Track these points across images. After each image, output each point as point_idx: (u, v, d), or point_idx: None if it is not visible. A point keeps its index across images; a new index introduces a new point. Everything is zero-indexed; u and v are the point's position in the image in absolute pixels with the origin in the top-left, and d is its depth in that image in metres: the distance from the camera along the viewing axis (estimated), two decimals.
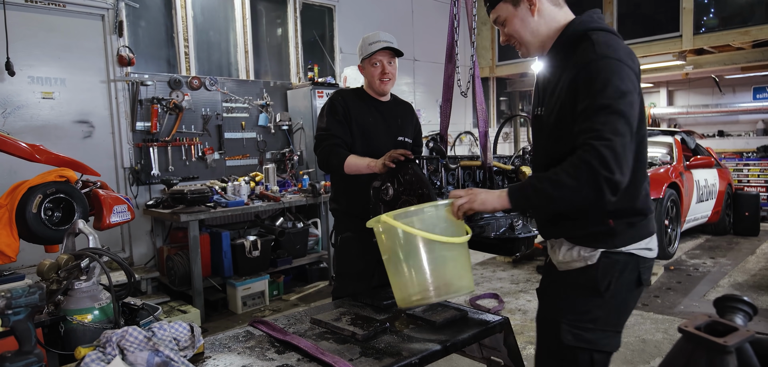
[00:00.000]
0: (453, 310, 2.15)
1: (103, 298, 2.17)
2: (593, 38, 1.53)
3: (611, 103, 1.43)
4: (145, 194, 5.11)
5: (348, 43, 6.92)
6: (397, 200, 2.17)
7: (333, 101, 2.64)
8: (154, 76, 5.14)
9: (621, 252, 1.61)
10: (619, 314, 1.66)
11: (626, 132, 1.43)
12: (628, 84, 1.45)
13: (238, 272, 4.88)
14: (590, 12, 1.64)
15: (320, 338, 1.95)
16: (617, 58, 1.46)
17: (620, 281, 1.61)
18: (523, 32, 1.67)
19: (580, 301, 1.65)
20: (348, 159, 2.46)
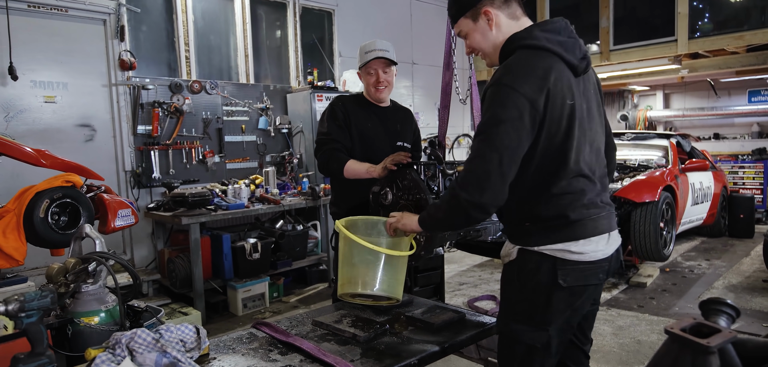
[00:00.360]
0: (451, 312, 2.20)
1: (109, 300, 2.22)
2: (508, 60, 1.64)
3: (485, 130, 1.58)
4: (146, 197, 5.16)
5: (347, 47, 6.97)
6: (396, 204, 2.23)
7: (333, 106, 2.69)
8: (155, 80, 5.19)
9: (534, 251, 1.68)
10: (542, 311, 1.67)
11: (493, 158, 1.54)
12: (509, 112, 1.54)
13: (239, 274, 4.93)
14: (532, 27, 1.69)
15: (322, 339, 2.00)
16: (509, 84, 1.56)
17: (537, 279, 1.67)
18: (484, 45, 1.75)
19: (508, 293, 1.78)
20: (347, 164, 2.51)
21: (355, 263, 2.03)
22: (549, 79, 1.57)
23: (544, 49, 1.62)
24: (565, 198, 1.65)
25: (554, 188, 1.65)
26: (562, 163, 1.63)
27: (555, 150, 1.62)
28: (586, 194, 1.68)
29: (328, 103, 2.77)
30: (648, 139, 6.80)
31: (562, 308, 1.67)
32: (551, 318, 1.67)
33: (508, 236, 1.80)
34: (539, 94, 1.56)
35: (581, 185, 1.67)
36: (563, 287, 1.64)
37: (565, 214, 1.64)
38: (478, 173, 1.57)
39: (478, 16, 1.72)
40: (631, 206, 5.13)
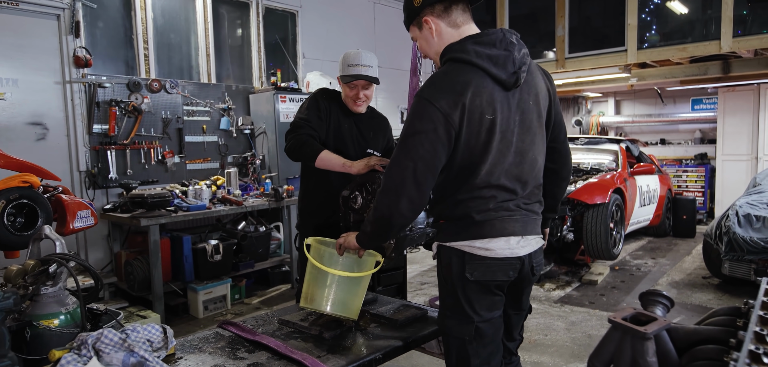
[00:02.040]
0: (414, 309, 2.29)
1: (69, 303, 2.20)
2: (436, 72, 1.74)
3: (404, 140, 1.67)
4: (102, 198, 5.03)
5: (311, 49, 6.99)
6: (365, 208, 2.29)
7: (317, 97, 2.67)
8: (112, 78, 5.07)
9: (446, 246, 1.79)
10: (460, 303, 1.76)
11: (408, 166, 1.63)
12: (424, 124, 1.63)
13: (200, 276, 4.87)
14: (466, 38, 1.73)
15: (288, 337, 2.04)
16: (427, 97, 1.65)
17: (451, 272, 1.77)
18: (428, 51, 1.84)
19: (440, 289, 1.87)
20: (322, 154, 2.44)
21: (312, 280, 2.06)
22: (466, 95, 1.63)
23: (470, 64, 1.67)
24: (472, 203, 1.73)
25: (460, 195, 1.74)
26: (471, 175, 1.71)
27: (470, 162, 1.70)
28: (497, 199, 1.74)
29: (312, 93, 2.74)
30: (600, 144, 7.12)
31: (478, 299, 1.75)
32: (473, 309, 1.75)
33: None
34: (454, 109, 1.62)
35: (491, 193, 1.73)
36: (470, 280, 1.73)
37: (470, 215, 1.73)
38: (395, 181, 1.66)
39: (421, 24, 1.79)
40: (584, 207, 5.37)
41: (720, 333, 1.18)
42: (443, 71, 1.69)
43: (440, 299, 1.85)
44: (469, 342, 1.75)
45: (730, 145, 8.10)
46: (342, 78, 2.65)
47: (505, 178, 1.74)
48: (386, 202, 1.67)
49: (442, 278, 1.81)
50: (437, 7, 1.74)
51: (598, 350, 1.27)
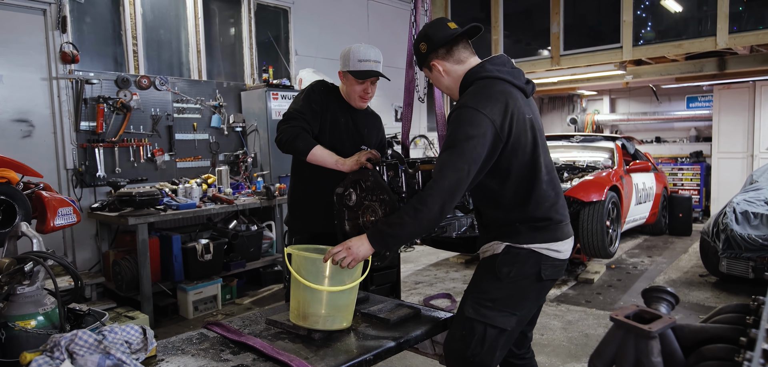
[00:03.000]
0: (407, 308, 2.21)
1: (47, 303, 2.11)
2: (469, 90, 1.92)
3: (455, 144, 1.80)
4: (89, 197, 4.92)
5: (303, 46, 6.90)
6: (360, 205, 2.21)
7: (313, 89, 2.59)
8: (100, 74, 4.97)
9: (522, 247, 1.93)
10: (516, 299, 1.94)
11: (463, 169, 1.78)
12: (476, 129, 1.79)
13: (190, 276, 4.78)
14: (484, 61, 1.97)
15: (276, 338, 1.96)
16: (474, 106, 1.82)
17: (520, 271, 1.92)
18: (441, 87, 2.08)
19: (484, 282, 1.98)
20: (315, 149, 2.36)
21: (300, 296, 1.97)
22: (507, 101, 1.85)
23: (498, 78, 1.90)
24: (545, 202, 1.92)
25: (534, 193, 1.91)
26: (536, 168, 1.91)
27: (530, 157, 1.89)
28: (559, 199, 1.98)
29: (309, 84, 2.65)
30: (595, 142, 7.07)
31: (534, 297, 1.98)
32: (524, 305, 1.95)
33: (493, 235, 2.00)
34: (501, 115, 1.82)
35: (555, 189, 1.97)
36: (542, 279, 1.93)
37: (547, 216, 1.92)
38: (451, 183, 1.78)
39: (431, 67, 2.02)
40: (580, 205, 5.32)
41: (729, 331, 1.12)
42: (477, 88, 1.89)
43: (480, 290, 1.96)
44: (503, 333, 1.92)
45: (725, 142, 8.08)
46: (351, 73, 2.53)
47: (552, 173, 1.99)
48: (439, 203, 1.79)
49: (502, 274, 1.92)
50: (441, 51, 1.99)
51: (599, 349, 1.20)
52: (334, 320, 1.96)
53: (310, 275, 1.91)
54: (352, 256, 1.87)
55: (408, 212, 1.84)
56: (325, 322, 1.94)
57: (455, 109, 1.86)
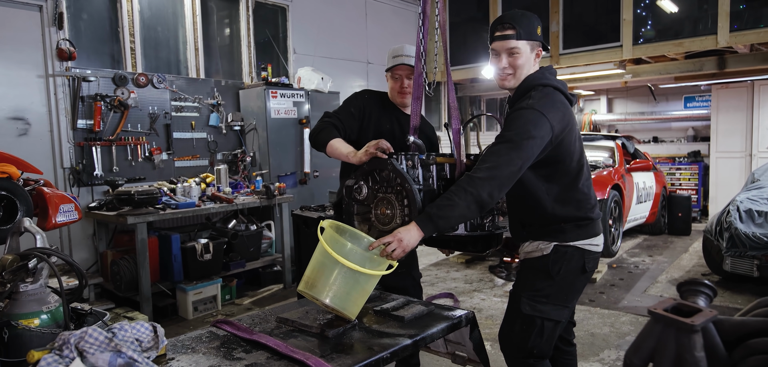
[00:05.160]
0: (421, 305, 2.16)
1: (51, 301, 2.04)
2: (532, 93, 2.01)
3: (516, 140, 1.89)
4: (86, 196, 4.84)
5: (302, 44, 6.84)
6: (372, 198, 2.16)
7: (356, 96, 2.73)
8: (97, 71, 4.89)
9: (569, 245, 2.08)
10: (567, 292, 2.12)
11: (517, 164, 1.88)
12: (538, 131, 1.90)
13: (189, 276, 4.71)
14: (544, 69, 2.11)
15: (288, 336, 1.91)
16: (541, 110, 1.93)
17: (568, 268, 2.08)
18: (523, 69, 2.07)
19: (537, 281, 2.10)
20: (333, 141, 2.42)
21: (318, 266, 1.94)
22: (566, 112, 2.00)
23: (557, 90, 2.04)
24: (587, 204, 2.09)
25: (577, 195, 2.08)
26: (581, 171, 2.08)
27: (576, 164, 2.06)
28: (595, 199, 2.15)
29: (356, 91, 2.77)
30: (595, 141, 7.06)
31: (580, 289, 2.17)
32: (573, 297, 2.16)
33: (536, 235, 2.12)
34: (560, 124, 1.95)
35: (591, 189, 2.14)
36: (586, 272, 2.11)
37: (588, 216, 2.09)
38: (504, 173, 1.88)
39: (534, 49, 2.08)
40: None
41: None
42: (542, 94, 1.99)
43: (533, 288, 2.08)
44: (559, 325, 2.10)
45: (724, 142, 8.09)
46: (387, 71, 2.71)
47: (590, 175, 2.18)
48: (488, 189, 1.86)
49: (553, 272, 2.06)
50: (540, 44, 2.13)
51: (636, 344, 1.16)
52: (343, 301, 1.88)
53: (338, 247, 1.87)
54: (402, 247, 1.88)
55: (457, 193, 1.88)
56: (333, 298, 1.87)
57: (520, 109, 1.97)
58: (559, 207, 2.06)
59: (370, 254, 1.93)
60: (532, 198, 2.08)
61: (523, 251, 2.19)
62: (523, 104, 1.98)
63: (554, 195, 2.06)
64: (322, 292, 1.89)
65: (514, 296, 2.19)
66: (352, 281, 1.90)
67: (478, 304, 4.81)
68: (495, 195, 1.89)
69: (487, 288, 5.30)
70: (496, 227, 2.35)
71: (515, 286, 2.21)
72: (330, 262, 1.88)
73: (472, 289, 5.26)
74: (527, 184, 2.03)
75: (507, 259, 5.93)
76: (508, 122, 1.98)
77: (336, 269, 1.88)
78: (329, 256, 1.85)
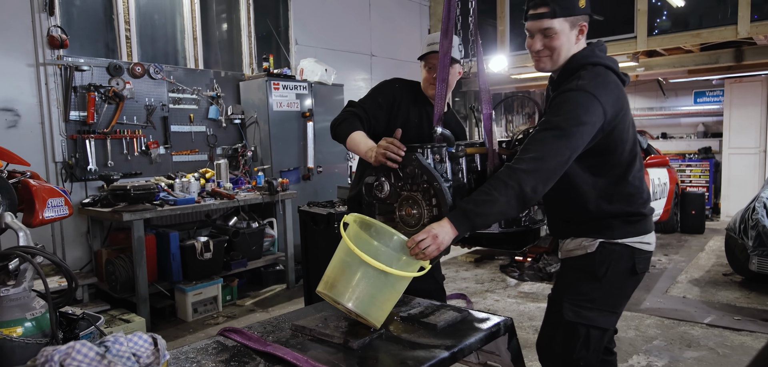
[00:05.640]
0: (452, 310, 1.93)
1: (36, 307, 1.81)
2: (582, 73, 1.77)
3: (565, 127, 1.68)
4: (80, 192, 4.59)
5: (304, 35, 6.60)
6: (395, 196, 1.92)
7: (386, 84, 2.51)
8: (90, 60, 4.63)
9: (617, 243, 1.85)
10: (616, 297, 1.90)
11: (565, 155, 1.68)
12: (589, 117, 1.69)
13: (188, 276, 4.47)
14: (593, 46, 1.87)
15: (307, 347, 1.67)
16: (593, 92, 1.70)
17: (616, 268, 1.85)
18: (562, 50, 1.83)
19: (581, 283, 1.88)
20: (354, 134, 2.19)
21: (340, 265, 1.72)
22: (620, 95, 1.78)
23: (610, 69, 1.80)
24: (638, 198, 1.86)
25: (629, 190, 1.85)
26: (633, 162, 1.85)
27: (629, 152, 1.83)
28: (646, 193, 1.91)
29: (387, 79, 2.53)
30: None
31: (629, 293, 1.93)
32: (622, 303, 1.93)
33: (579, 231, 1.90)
34: (613, 109, 1.72)
35: (642, 182, 1.90)
36: (637, 274, 1.89)
37: (640, 211, 1.87)
38: (550, 165, 1.67)
39: (576, 25, 1.82)
40: None
41: None
42: (593, 74, 1.76)
43: (576, 291, 1.88)
44: (606, 333, 1.89)
45: (736, 138, 7.88)
46: (420, 59, 2.49)
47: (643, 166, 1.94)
48: (532, 183, 1.66)
49: (600, 273, 1.84)
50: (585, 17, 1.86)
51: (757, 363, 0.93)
52: (368, 306, 1.66)
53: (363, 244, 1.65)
54: (437, 244, 1.68)
55: (496, 187, 1.69)
56: (357, 302, 1.65)
57: (568, 91, 1.74)
58: (605, 203, 1.85)
59: (399, 253, 1.70)
60: (575, 193, 1.86)
61: (563, 249, 1.98)
62: (572, 85, 1.74)
63: (601, 190, 1.84)
64: (344, 294, 1.67)
65: (554, 301, 1.98)
66: (379, 283, 1.67)
67: (492, 306, 4.58)
68: (539, 190, 1.69)
69: (500, 288, 5.08)
70: (533, 221, 2.12)
71: (555, 289, 2.00)
72: (354, 261, 1.66)
73: (484, 289, 5.04)
74: (570, 176, 1.80)
75: (519, 258, 5.72)
76: (555, 106, 1.76)
77: (360, 269, 1.66)
78: (353, 254, 1.63)
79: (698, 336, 3.73)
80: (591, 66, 1.78)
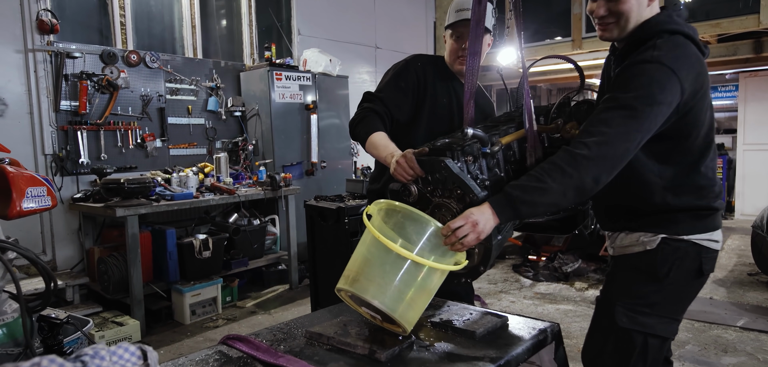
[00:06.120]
0: (492, 317, 1.68)
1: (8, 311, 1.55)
2: (658, 41, 1.51)
3: (636, 105, 1.43)
4: (71, 187, 4.33)
5: (307, 25, 6.34)
6: (426, 202, 1.67)
7: (408, 64, 2.20)
8: (82, 47, 4.37)
9: (682, 240, 1.60)
10: (678, 301, 1.67)
11: (635, 139, 1.44)
12: (666, 95, 1.44)
13: (186, 276, 4.21)
14: (671, 11, 1.61)
15: (326, 360, 1.42)
16: (671, 66, 1.44)
17: (680, 269, 1.61)
18: (631, 15, 1.58)
19: (638, 285, 1.65)
20: (374, 136, 1.95)
21: (362, 260, 1.48)
22: (701, 70, 1.53)
23: (690, 38, 1.55)
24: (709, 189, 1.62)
25: (700, 180, 1.61)
26: (707, 150, 1.61)
27: (704, 138, 1.59)
28: (719, 184, 1.68)
29: (406, 58, 2.25)
30: None
31: (692, 296, 1.69)
32: (684, 308, 1.69)
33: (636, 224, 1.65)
34: (692, 86, 1.48)
35: (715, 172, 1.67)
36: (703, 275, 1.64)
37: (710, 204, 1.63)
38: (617, 151, 1.44)
39: None
40: None
41: None
42: (671, 44, 1.50)
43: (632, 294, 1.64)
44: (665, 342, 1.67)
45: (752, 134, 7.64)
46: (447, 28, 2.19)
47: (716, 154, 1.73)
48: (595, 172, 1.44)
49: (661, 274, 1.61)
50: None
51: None
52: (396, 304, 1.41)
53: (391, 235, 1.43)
54: (476, 232, 1.45)
55: (550, 173, 1.45)
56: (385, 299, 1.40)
57: (642, 62, 1.47)
58: (671, 196, 1.60)
59: (432, 242, 1.46)
60: (637, 183, 1.61)
61: (616, 244, 1.73)
62: (646, 55, 1.48)
63: (668, 180, 1.59)
64: (368, 289, 1.42)
65: (604, 304, 1.74)
66: (410, 278, 1.43)
67: (508, 307, 4.33)
68: (602, 180, 1.46)
69: (514, 289, 4.83)
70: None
71: (606, 291, 1.76)
72: (380, 252, 1.42)
73: (497, 290, 4.79)
74: (632, 163, 1.54)
75: (532, 257, 5.48)
76: (624, 80, 1.50)
77: (388, 261, 1.41)
78: (379, 245, 1.39)
79: (733, 340, 3.49)
80: (668, 34, 1.52)
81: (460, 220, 1.46)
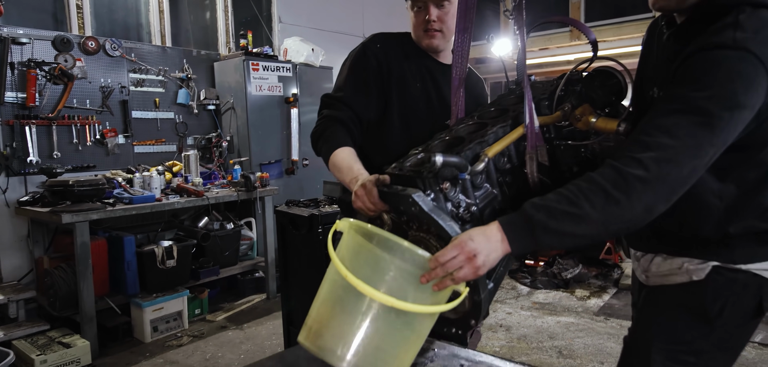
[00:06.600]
0: None
1: None
2: (740, 18, 1.09)
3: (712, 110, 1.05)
4: (18, 188, 3.87)
5: (288, 13, 5.89)
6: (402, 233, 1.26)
7: (365, 48, 1.77)
8: (31, 32, 3.91)
9: (740, 270, 1.25)
10: (731, 347, 1.33)
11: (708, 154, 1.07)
12: (750, 97, 1.06)
13: (147, 288, 3.78)
14: None
15: None
16: (758, 54, 1.04)
17: (736, 306, 1.26)
18: None
19: (681, 326, 1.31)
20: (338, 152, 1.57)
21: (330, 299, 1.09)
22: None
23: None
24: None
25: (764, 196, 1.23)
26: None
27: None
28: None
29: (362, 41, 1.81)
30: None
31: (746, 343, 1.35)
32: (736, 357, 1.34)
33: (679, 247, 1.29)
34: None
35: None
36: (762, 313, 1.28)
37: None
38: (683, 173, 1.07)
39: None
40: None
41: None
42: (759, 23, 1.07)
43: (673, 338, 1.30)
44: None
45: None
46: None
47: None
48: (650, 199, 1.06)
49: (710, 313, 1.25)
50: None
51: None
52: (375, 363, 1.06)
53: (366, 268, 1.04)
54: (473, 267, 1.07)
55: (591, 195, 1.07)
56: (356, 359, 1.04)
57: (720, 48, 1.06)
58: (731, 217, 1.23)
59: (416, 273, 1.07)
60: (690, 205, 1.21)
61: (652, 271, 1.37)
62: (725, 39, 1.07)
63: (729, 200, 1.22)
64: (335, 350, 1.04)
65: (637, 347, 1.40)
66: (390, 326, 1.06)
67: (504, 320, 3.94)
68: (658, 209, 1.08)
69: (511, 298, 4.44)
70: None
71: (639, 329, 1.43)
72: (351, 295, 1.04)
73: (494, 299, 4.39)
74: None
75: (529, 262, 5.09)
76: (694, 72, 1.09)
77: (361, 307, 1.04)
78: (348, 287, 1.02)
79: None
80: (751, 7, 1.10)
81: (453, 250, 1.07)
